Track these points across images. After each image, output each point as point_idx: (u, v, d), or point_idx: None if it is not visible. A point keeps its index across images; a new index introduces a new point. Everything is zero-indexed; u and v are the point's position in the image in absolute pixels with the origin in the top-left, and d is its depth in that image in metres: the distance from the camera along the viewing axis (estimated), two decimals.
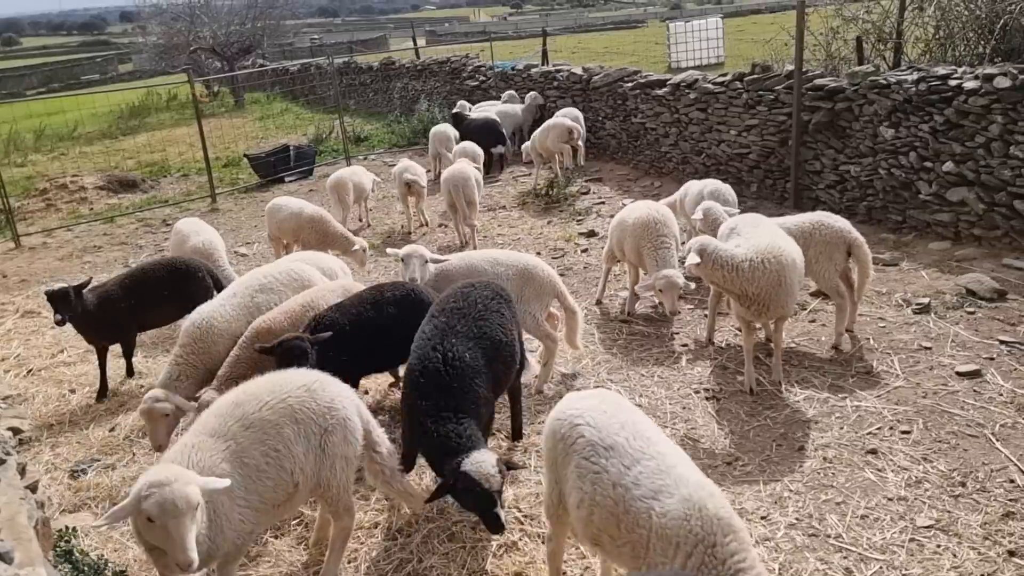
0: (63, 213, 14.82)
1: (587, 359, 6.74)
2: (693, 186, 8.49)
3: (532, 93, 15.02)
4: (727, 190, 8.13)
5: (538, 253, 9.40)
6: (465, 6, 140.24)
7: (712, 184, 8.22)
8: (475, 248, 9.87)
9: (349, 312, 5.35)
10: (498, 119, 14.35)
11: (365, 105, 23.43)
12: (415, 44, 25.61)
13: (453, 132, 14.00)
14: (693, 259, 5.52)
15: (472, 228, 10.11)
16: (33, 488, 2.91)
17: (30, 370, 7.60)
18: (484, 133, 13.66)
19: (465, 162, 10.88)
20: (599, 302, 7.97)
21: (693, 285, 7.23)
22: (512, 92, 15.92)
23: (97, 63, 59.07)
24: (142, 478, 3.04)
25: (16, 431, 3.29)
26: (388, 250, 6.69)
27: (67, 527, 4.12)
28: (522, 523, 4.67)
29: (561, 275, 8.87)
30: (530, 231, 10.58)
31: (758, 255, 5.54)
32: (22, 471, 2.76)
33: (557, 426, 3.60)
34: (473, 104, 16.39)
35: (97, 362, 6.95)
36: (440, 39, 46.82)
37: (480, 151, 12.42)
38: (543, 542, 4.45)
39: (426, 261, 6.20)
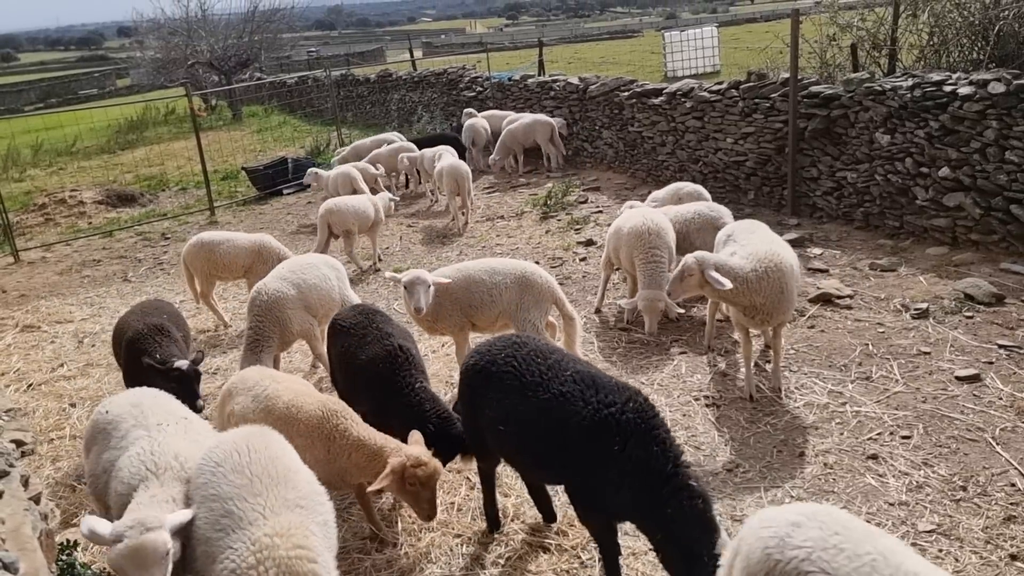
0: (62, 227, 14.85)
1: None
2: (658, 194, 8.72)
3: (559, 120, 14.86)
4: (701, 188, 8.56)
5: (537, 262, 9.41)
6: (461, 18, 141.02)
7: (688, 186, 8.56)
8: (467, 225, 11.62)
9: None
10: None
11: (363, 117, 23.50)
12: (412, 56, 25.71)
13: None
14: (725, 283, 5.38)
15: (467, 214, 11.68)
16: (36, 500, 2.90)
17: (30, 384, 7.60)
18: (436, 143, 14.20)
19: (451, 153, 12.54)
20: (598, 310, 7.98)
21: (681, 310, 7.26)
22: (470, 110, 16.28)
23: (95, 78, 59.30)
24: None
25: (19, 443, 3.29)
26: (387, 274, 6.60)
27: (68, 540, 4.10)
28: (529, 534, 4.67)
29: (560, 284, 8.91)
30: (528, 240, 10.59)
31: (760, 264, 5.54)
32: (25, 483, 2.76)
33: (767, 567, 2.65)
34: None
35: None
36: (437, 51, 47.02)
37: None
38: (544, 551, 4.45)
39: (429, 286, 5.98)
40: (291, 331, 6.47)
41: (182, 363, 5.51)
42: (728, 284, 5.37)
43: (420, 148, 13.94)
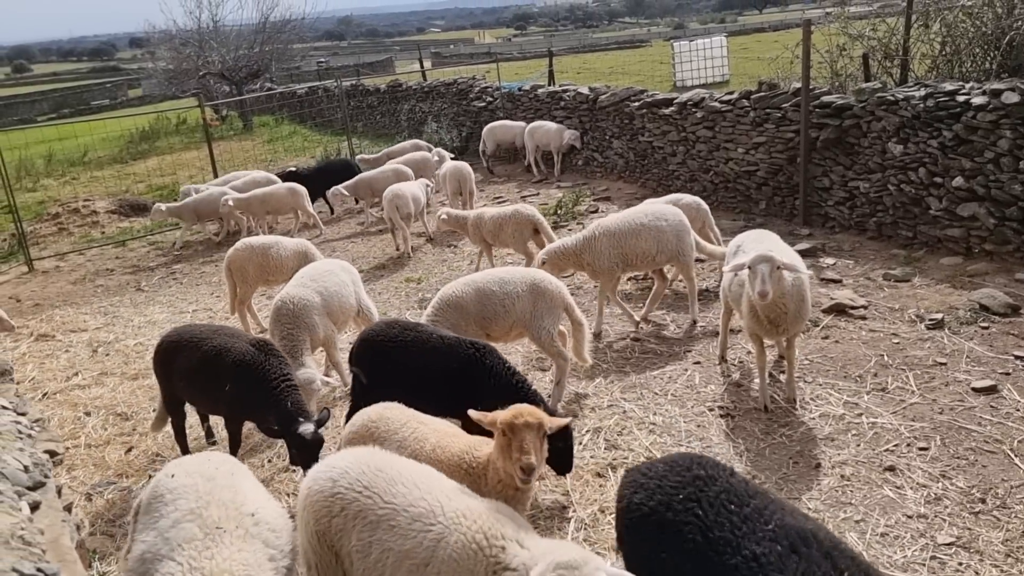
0: (75, 237, 14.95)
1: (600, 377, 6.74)
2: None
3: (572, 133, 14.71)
4: (700, 200, 8.78)
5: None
6: (470, 28, 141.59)
7: (687, 197, 8.68)
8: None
9: None
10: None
11: (373, 127, 23.60)
12: (422, 66, 25.81)
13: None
14: (801, 268, 5.47)
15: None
16: (68, 509, 2.92)
17: (45, 393, 7.65)
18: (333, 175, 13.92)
19: (462, 164, 12.64)
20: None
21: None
22: (362, 155, 16.24)
23: (107, 88, 59.68)
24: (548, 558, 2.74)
25: (52, 454, 3.30)
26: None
27: (88, 550, 4.13)
28: None
29: (571, 295, 8.91)
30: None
31: None
32: (59, 493, 2.78)
33: None
34: (485, 124, 16.50)
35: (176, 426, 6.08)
36: (446, 61, 47.20)
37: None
38: None
39: None
40: (317, 337, 6.51)
41: (306, 429, 4.90)
42: (804, 270, 5.51)
43: (310, 180, 13.74)
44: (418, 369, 5.10)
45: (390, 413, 4.30)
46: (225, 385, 5.21)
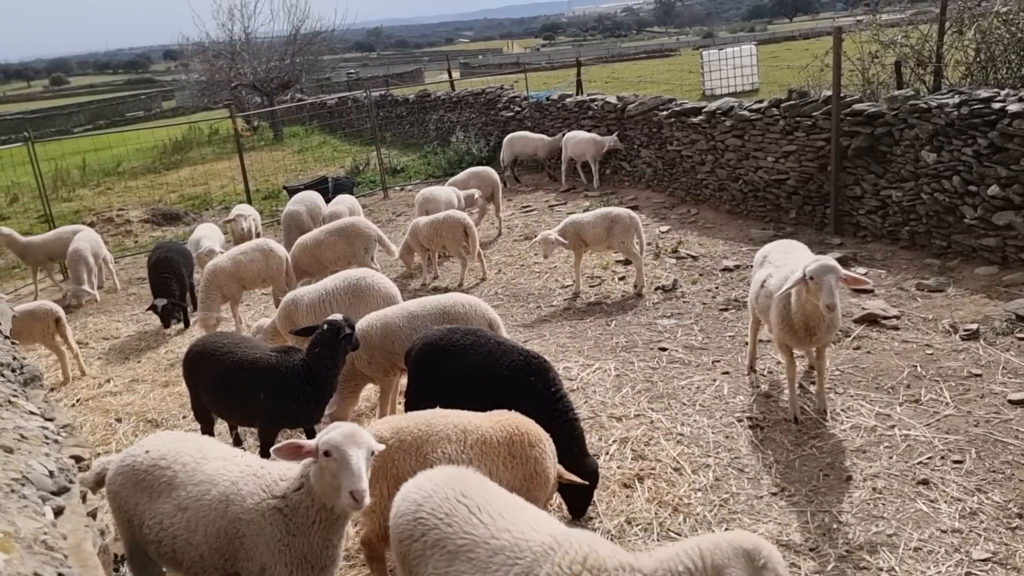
0: (109, 246, 15.11)
1: (627, 387, 6.68)
2: (585, 217, 9.37)
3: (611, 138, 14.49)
4: (632, 213, 9.23)
5: (574, 281, 9.40)
6: (498, 38, 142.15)
7: (616, 210, 9.23)
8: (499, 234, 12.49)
9: None
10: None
11: (401, 137, 23.76)
12: (450, 76, 25.92)
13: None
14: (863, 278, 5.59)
15: (500, 220, 12.69)
16: (93, 515, 2.95)
17: (78, 399, 7.76)
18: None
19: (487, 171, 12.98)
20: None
21: None
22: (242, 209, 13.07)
23: (142, 100, 60.75)
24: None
25: (78, 459, 3.34)
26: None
27: (112, 555, 4.16)
28: None
29: (598, 303, 8.88)
30: (567, 259, 10.56)
31: None
32: (83, 498, 2.81)
33: None
34: (508, 132, 16.50)
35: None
36: (474, 71, 47.44)
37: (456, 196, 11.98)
38: None
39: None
40: None
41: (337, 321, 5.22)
42: (870, 282, 5.70)
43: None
44: (471, 374, 5.07)
45: (434, 419, 4.25)
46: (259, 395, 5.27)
